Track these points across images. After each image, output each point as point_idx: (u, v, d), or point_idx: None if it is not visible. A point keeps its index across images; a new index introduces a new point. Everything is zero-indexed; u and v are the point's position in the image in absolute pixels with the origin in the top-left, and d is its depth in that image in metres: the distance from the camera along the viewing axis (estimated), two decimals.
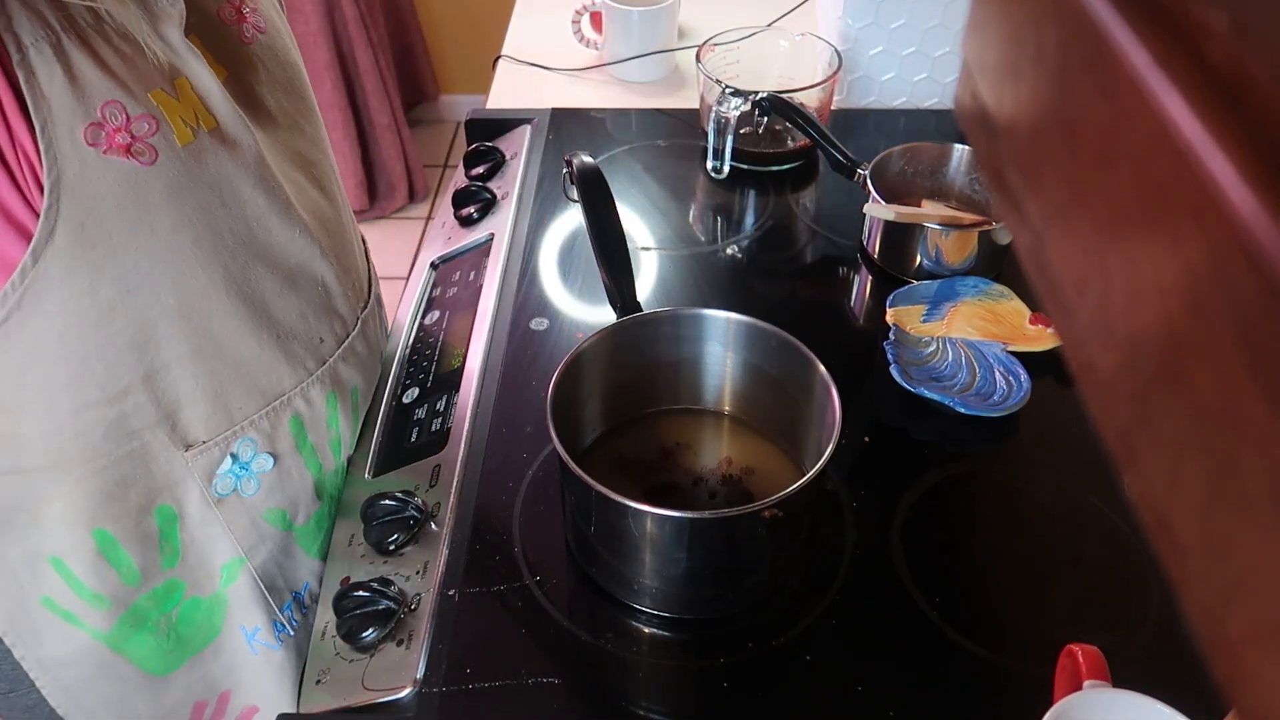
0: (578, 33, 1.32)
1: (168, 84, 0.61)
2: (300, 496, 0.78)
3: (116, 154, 0.59)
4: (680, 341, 0.77)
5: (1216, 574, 0.18)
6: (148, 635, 0.74)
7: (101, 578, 0.70)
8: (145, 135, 0.60)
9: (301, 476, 0.78)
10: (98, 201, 0.59)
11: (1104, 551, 0.75)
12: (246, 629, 0.78)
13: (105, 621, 0.72)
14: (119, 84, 0.59)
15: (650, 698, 0.67)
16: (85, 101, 0.57)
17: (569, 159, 0.78)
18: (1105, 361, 0.22)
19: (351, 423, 0.83)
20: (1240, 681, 0.17)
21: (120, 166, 0.59)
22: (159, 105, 0.61)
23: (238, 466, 0.73)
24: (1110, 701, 0.58)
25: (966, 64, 0.31)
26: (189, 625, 0.76)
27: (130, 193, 0.60)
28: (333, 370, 0.78)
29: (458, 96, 2.80)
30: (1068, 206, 0.23)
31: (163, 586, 0.74)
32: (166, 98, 0.61)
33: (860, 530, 0.76)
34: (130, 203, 0.60)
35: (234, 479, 0.73)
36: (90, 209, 0.58)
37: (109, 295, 0.61)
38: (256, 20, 0.71)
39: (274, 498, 0.76)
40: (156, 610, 0.74)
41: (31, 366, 0.62)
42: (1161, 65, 0.18)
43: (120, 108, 0.59)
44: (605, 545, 0.69)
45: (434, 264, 1.04)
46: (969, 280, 0.94)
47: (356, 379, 0.83)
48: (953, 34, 1.16)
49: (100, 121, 0.58)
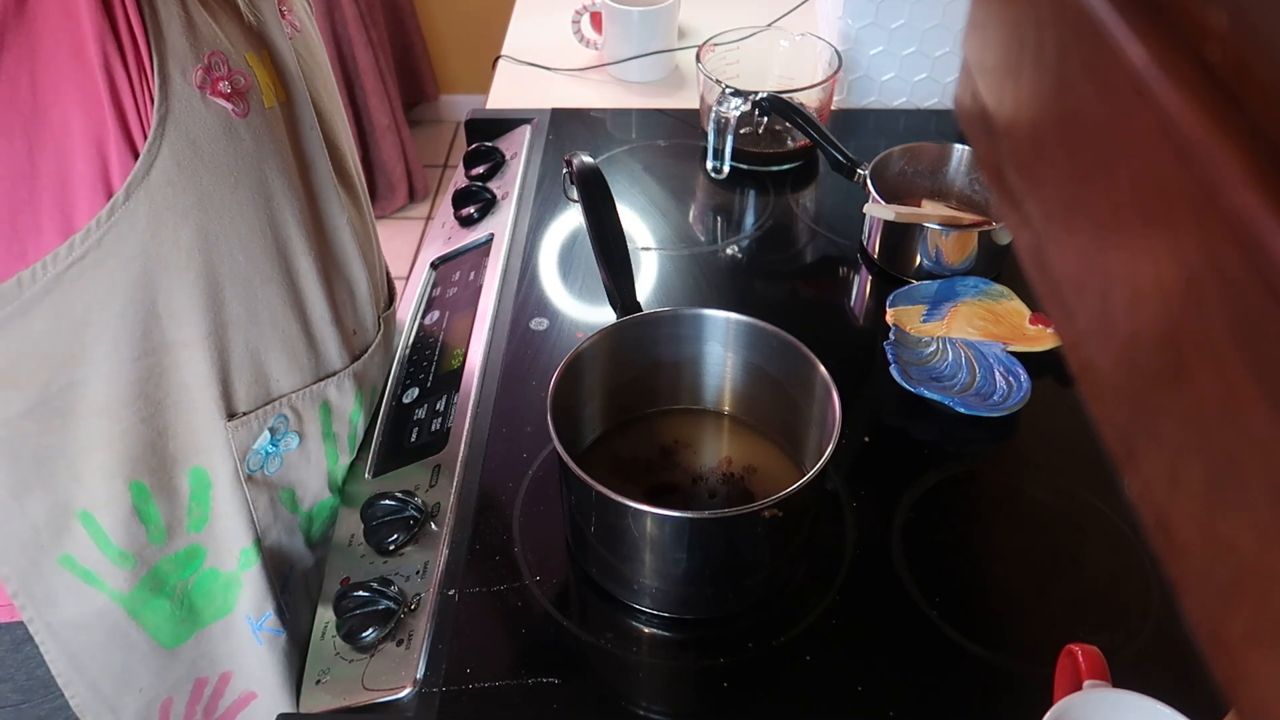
0: (578, 33, 1.32)
1: (256, 51, 0.65)
2: (311, 482, 0.79)
3: (219, 99, 0.62)
4: (680, 341, 0.77)
5: (1216, 574, 0.18)
6: (164, 600, 0.74)
7: (131, 534, 0.70)
8: (242, 89, 0.63)
9: (319, 463, 0.79)
10: (197, 143, 0.61)
11: (1104, 551, 0.75)
12: (254, 617, 0.79)
13: (127, 582, 0.71)
14: (221, 40, 0.62)
15: (650, 698, 0.67)
16: (197, 46, 0.60)
17: (569, 159, 0.78)
18: (1105, 361, 0.22)
19: (366, 421, 0.84)
20: (1240, 681, 0.17)
21: (220, 111, 0.62)
22: (251, 65, 0.64)
23: (270, 444, 0.74)
24: (1110, 701, 0.58)
25: (966, 64, 0.31)
26: (203, 596, 0.76)
27: (225, 139, 0.62)
28: (364, 365, 0.80)
29: (458, 96, 2.80)
30: (1068, 206, 0.23)
31: (185, 551, 0.74)
32: (256, 62, 0.65)
33: (860, 530, 0.76)
34: (224, 149, 0.62)
35: (263, 456, 0.74)
36: (190, 148, 0.61)
37: (189, 241, 0.62)
38: (293, 19, 0.73)
39: (289, 477, 0.77)
40: (176, 574, 0.74)
41: (102, 307, 0.62)
42: (1161, 65, 0.18)
43: (223, 58, 0.62)
44: (605, 545, 0.69)
45: (434, 264, 1.04)
46: (969, 280, 0.94)
47: (378, 379, 0.85)
48: (953, 34, 1.16)
49: (208, 66, 0.61)
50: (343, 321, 0.77)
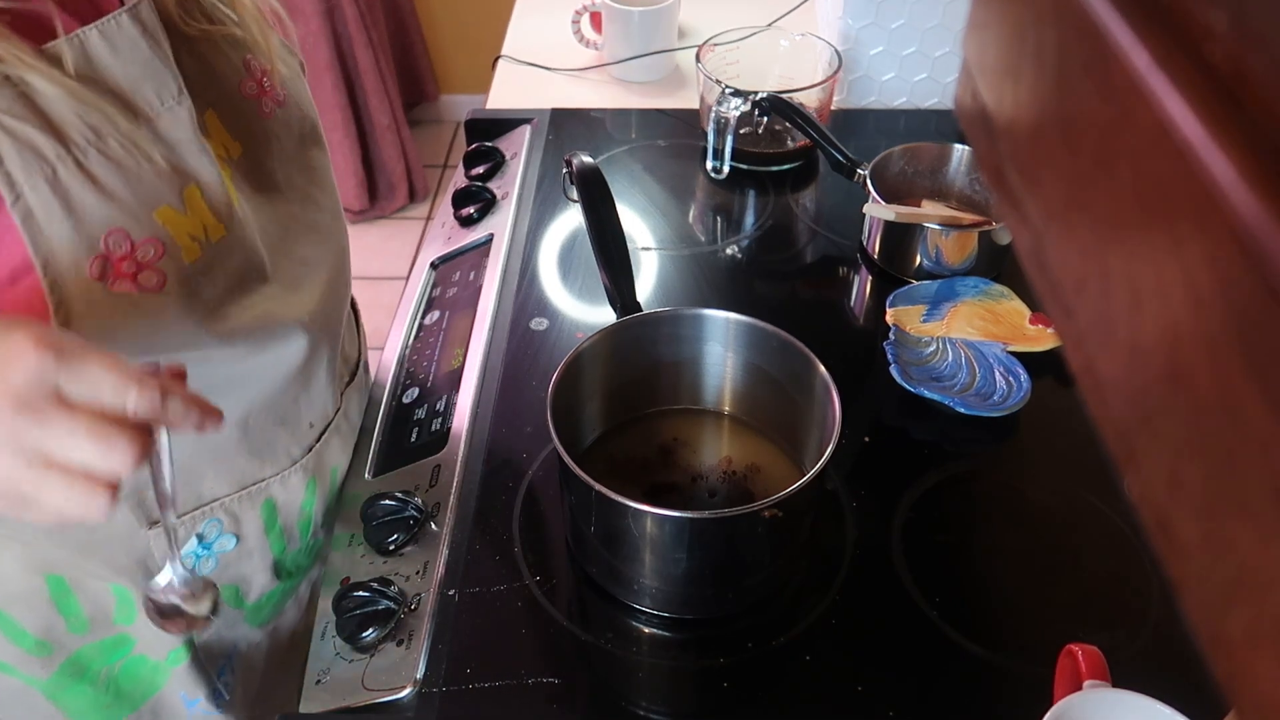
0: (578, 33, 1.32)
1: (175, 197, 0.58)
2: (255, 577, 0.76)
3: (124, 284, 0.56)
4: (680, 341, 0.77)
5: (1216, 574, 0.18)
6: (86, 686, 0.71)
7: (48, 624, 0.67)
8: (152, 260, 0.57)
9: (263, 556, 0.75)
10: (107, 335, 0.56)
11: (1104, 551, 0.75)
12: (187, 696, 0.76)
13: (44, 669, 0.69)
14: (122, 208, 0.55)
15: (650, 698, 0.67)
16: (88, 234, 0.54)
17: (569, 159, 0.78)
18: (1105, 361, 0.22)
19: (326, 502, 0.80)
20: (1240, 681, 0.17)
21: (128, 298, 0.56)
22: (165, 225, 0.57)
23: (201, 547, 0.70)
24: (1110, 701, 0.58)
25: (966, 64, 0.31)
26: (131, 680, 0.73)
27: (141, 323, 0.58)
28: (317, 455, 0.76)
29: (458, 96, 2.80)
30: (1068, 207, 0.23)
31: (111, 639, 0.71)
32: (173, 214, 0.58)
33: (860, 530, 0.76)
34: (142, 331, 0.58)
35: (194, 559, 0.70)
36: (100, 334, 0.56)
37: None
38: (276, 93, 0.68)
39: (228, 575, 0.73)
40: (100, 660, 0.71)
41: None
42: (1161, 65, 0.18)
43: (124, 235, 0.56)
44: (605, 545, 0.69)
45: (434, 264, 1.04)
46: (969, 280, 0.94)
47: (339, 458, 0.80)
48: (953, 34, 1.16)
49: (105, 253, 0.55)
50: (290, 422, 0.72)
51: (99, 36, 0.54)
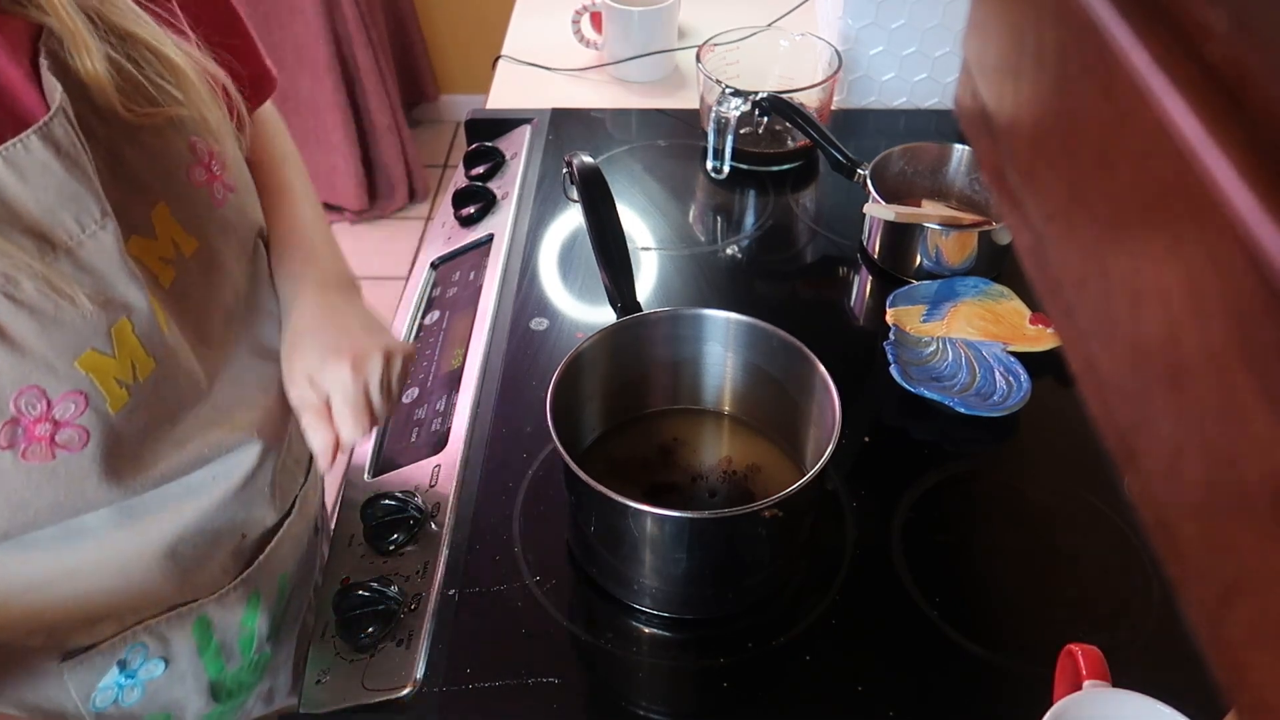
0: (578, 33, 1.32)
1: (101, 338, 0.52)
2: (190, 700, 0.70)
3: (39, 450, 0.51)
4: (680, 341, 0.77)
5: (1216, 574, 0.18)
6: None
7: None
8: (72, 418, 0.51)
9: (197, 679, 0.69)
10: (20, 510, 0.51)
11: (1104, 551, 0.75)
12: None
13: None
14: (36, 362, 0.49)
15: (650, 698, 0.67)
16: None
17: (569, 159, 0.78)
18: (1105, 361, 0.22)
19: (273, 613, 0.74)
20: (1240, 681, 0.17)
21: (44, 467, 0.51)
22: (88, 373, 0.52)
23: (123, 676, 0.64)
24: (1110, 701, 0.58)
25: (966, 64, 0.31)
26: None
27: (62, 487, 0.53)
28: (261, 567, 0.71)
29: (458, 96, 2.80)
30: (1068, 207, 0.23)
31: None
32: (98, 358, 0.52)
33: (860, 530, 0.76)
34: (63, 497, 0.53)
35: (116, 690, 0.64)
36: (13, 519, 0.51)
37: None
38: (226, 178, 0.62)
39: (159, 702, 0.68)
40: None
41: None
42: (1161, 65, 0.18)
43: (39, 394, 0.50)
44: (605, 545, 0.69)
45: (434, 264, 1.04)
46: (969, 280, 0.94)
47: (288, 564, 0.75)
48: (953, 34, 1.16)
49: (16, 417, 0.49)
50: (226, 540, 0.67)
51: (3, 165, 0.47)
